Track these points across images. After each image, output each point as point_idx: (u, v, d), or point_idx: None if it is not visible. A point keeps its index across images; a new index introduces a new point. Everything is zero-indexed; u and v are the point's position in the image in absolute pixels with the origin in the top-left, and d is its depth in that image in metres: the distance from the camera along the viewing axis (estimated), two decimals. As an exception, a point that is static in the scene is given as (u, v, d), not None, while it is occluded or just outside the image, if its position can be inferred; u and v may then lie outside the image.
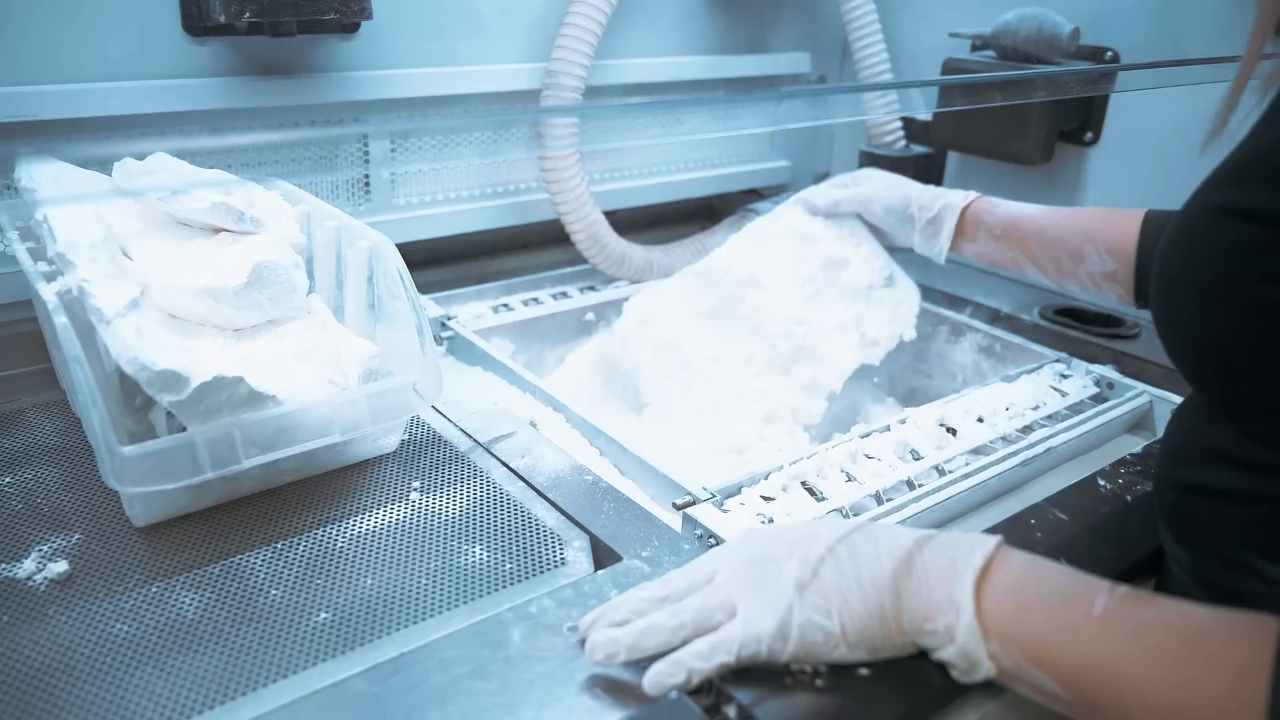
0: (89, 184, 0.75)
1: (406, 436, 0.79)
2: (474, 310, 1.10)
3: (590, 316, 1.15)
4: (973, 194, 0.97)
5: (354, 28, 0.94)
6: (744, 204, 1.32)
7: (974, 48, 1.19)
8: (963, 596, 0.50)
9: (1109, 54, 1.10)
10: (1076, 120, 1.14)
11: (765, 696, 0.49)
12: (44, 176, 0.74)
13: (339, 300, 0.81)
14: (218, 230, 0.74)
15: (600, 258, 1.16)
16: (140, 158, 0.76)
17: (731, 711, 0.49)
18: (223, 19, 0.82)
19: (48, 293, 0.61)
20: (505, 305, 1.13)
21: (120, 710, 0.52)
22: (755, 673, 0.51)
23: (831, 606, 0.51)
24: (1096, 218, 0.90)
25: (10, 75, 0.80)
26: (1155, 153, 1.11)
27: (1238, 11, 0.70)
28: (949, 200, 0.96)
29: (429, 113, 1.05)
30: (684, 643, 0.51)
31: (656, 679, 0.50)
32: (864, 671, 0.51)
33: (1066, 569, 0.52)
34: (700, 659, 0.50)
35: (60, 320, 0.59)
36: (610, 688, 0.53)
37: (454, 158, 1.08)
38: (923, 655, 0.52)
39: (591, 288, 1.19)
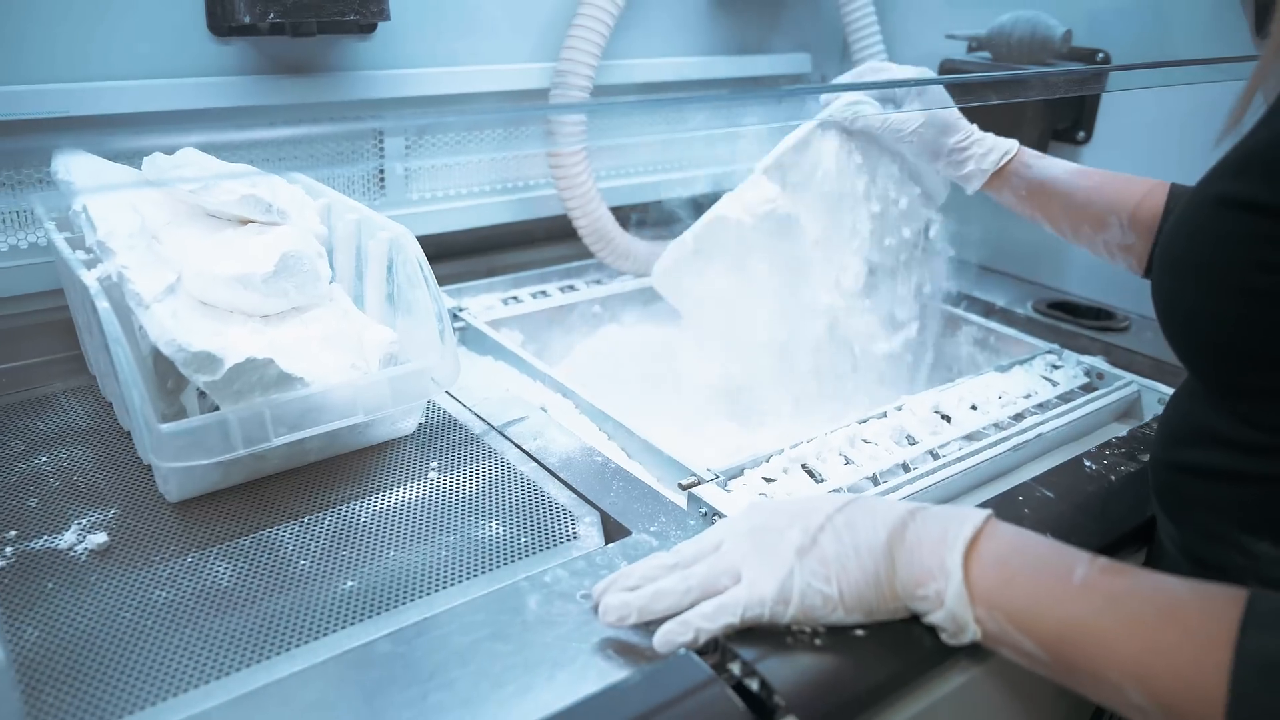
0: (122, 177, 0.79)
1: (423, 420, 0.83)
2: (484, 302, 1.14)
3: (597, 309, 1.18)
4: (1015, 145, 0.96)
5: (371, 28, 0.98)
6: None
7: (970, 49, 1.22)
8: (952, 564, 0.53)
9: (1100, 55, 1.14)
10: (1069, 119, 1.17)
11: (767, 654, 0.52)
12: (79, 169, 0.78)
13: (358, 289, 0.85)
14: (245, 221, 0.77)
15: (606, 252, 1.19)
16: (169, 153, 0.80)
17: (736, 668, 0.52)
18: (247, 20, 0.86)
19: (89, 278, 0.65)
20: (514, 298, 1.16)
21: (164, 668, 0.55)
22: (758, 633, 0.54)
23: (830, 573, 0.54)
24: (1123, 188, 0.90)
25: (44, 73, 0.84)
26: (1145, 150, 1.14)
27: (1225, 14, 0.74)
28: (994, 145, 0.95)
29: (442, 110, 1.08)
30: (691, 605, 0.55)
31: (666, 637, 0.53)
32: (860, 633, 0.55)
33: (1050, 541, 0.55)
34: (707, 619, 0.53)
35: (102, 305, 0.63)
36: (622, 649, 0.56)
37: (466, 153, 1.12)
38: (915, 619, 0.56)
39: (597, 281, 1.23)
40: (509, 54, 1.10)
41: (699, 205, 1.35)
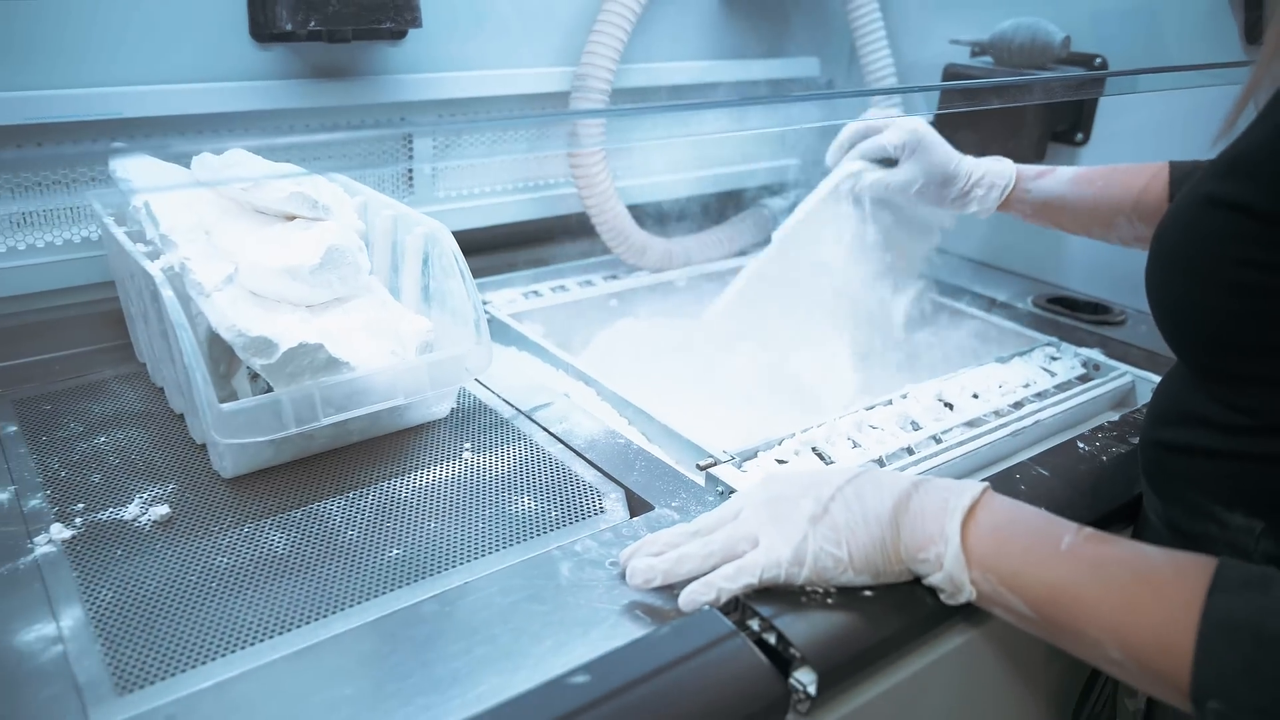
0: (175, 175, 0.84)
1: (456, 405, 0.88)
2: (506, 296, 1.19)
3: (614, 303, 1.23)
4: (1012, 175, 1.01)
5: (402, 34, 1.03)
6: (757, 199, 1.41)
7: (973, 54, 1.27)
8: (951, 531, 0.58)
9: (1098, 60, 1.18)
10: (1067, 122, 1.22)
11: (784, 611, 0.57)
12: (134, 168, 0.83)
13: (393, 281, 0.90)
14: (290, 217, 0.82)
15: (623, 248, 1.24)
16: (217, 153, 0.85)
17: (755, 624, 0.57)
18: (289, 27, 0.91)
19: (154, 269, 0.70)
20: (535, 292, 1.21)
21: (229, 625, 0.60)
22: (775, 593, 0.59)
23: (840, 538, 0.59)
24: (1124, 185, 0.95)
25: (100, 77, 0.89)
26: (1140, 152, 1.18)
27: (1217, 21, 0.78)
28: (993, 182, 1.01)
29: (469, 113, 1.13)
30: (713, 569, 0.60)
31: (690, 597, 0.58)
32: (868, 593, 0.60)
33: (1041, 512, 0.60)
34: (728, 580, 0.58)
35: (167, 293, 0.68)
36: (648, 610, 0.61)
37: (492, 155, 1.17)
38: (917, 581, 0.61)
39: (614, 276, 1.28)
40: (532, 58, 1.16)
41: (712, 203, 1.40)
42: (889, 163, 1.06)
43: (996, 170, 1.02)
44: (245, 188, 0.78)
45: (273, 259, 0.76)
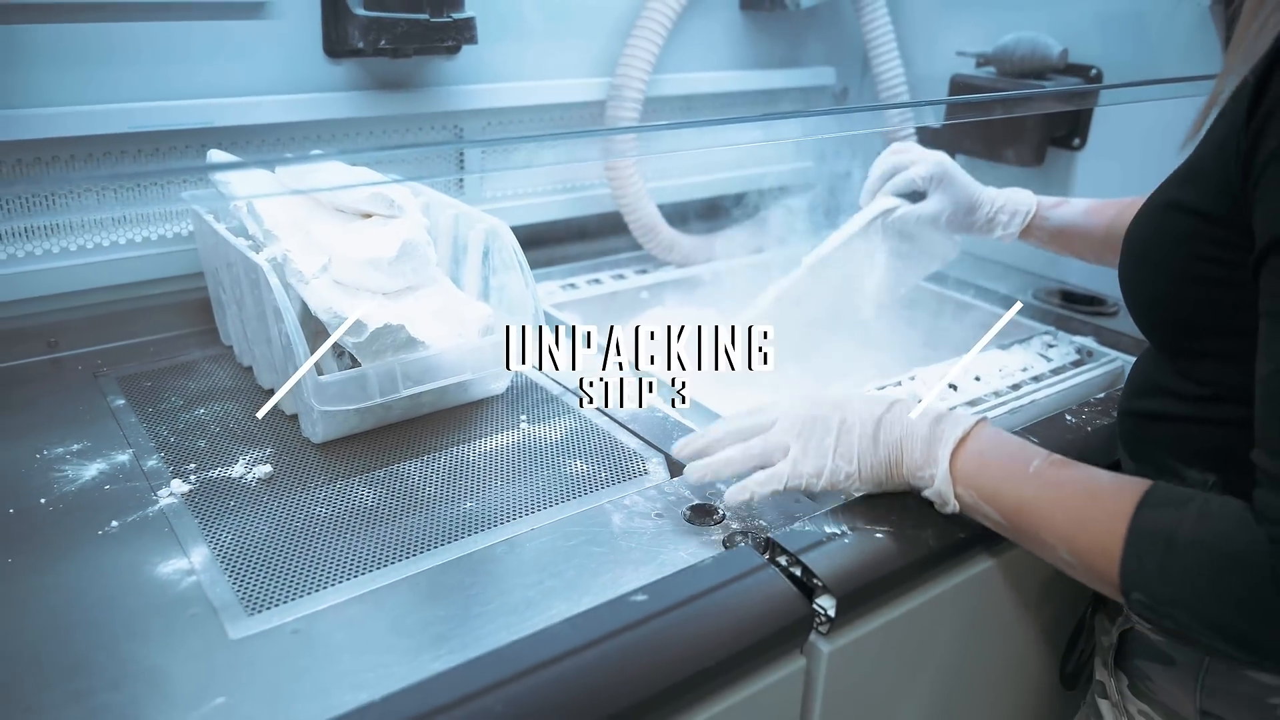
0: (263, 178, 0.94)
1: (511, 383, 0.98)
2: (546, 289, 1.29)
3: (644, 294, 1.34)
4: (1033, 204, 1.09)
5: (456, 49, 1.13)
6: (777, 199, 1.51)
7: (978, 64, 1.37)
8: (942, 457, 0.70)
9: (1093, 71, 1.28)
10: (1065, 128, 1.32)
11: (808, 549, 0.67)
12: (231, 173, 0.94)
13: (453, 272, 1.01)
14: (366, 215, 0.93)
15: (653, 244, 1.35)
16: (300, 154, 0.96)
17: (783, 559, 0.67)
18: (360, 45, 1.02)
19: (259, 259, 0.80)
20: (571, 285, 1.32)
21: (334, 561, 0.71)
22: (801, 533, 0.69)
23: (854, 458, 0.71)
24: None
25: (194, 90, 1.00)
26: (1133, 156, 1.28)
27: (1204, 34, 0.87)
28: (1015, 209, 1.09)
29: (514, 119, 1.24)
30: (749, 473, 0.72)
31: (731, 497, 0.72)
32: (879, 535, 0.70)
33: (1020, 441, 0.71)
34: (760, 485, 0.71)
35: (273, 280, 0.78)
36: (690, 553, 0.71)
37: (534, 165, 1.27)
38: (915, 493, 0.72)
39: (644, 270, 1.38)
40: (570, 69, 1.26)
41: (736, 203, 1.50)
42: (916, 195, 1.14)
43: (1018, 199, 1.10)
44: (332, 190, 0.89)
45: (357, 251, 0.86)
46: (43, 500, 0.77)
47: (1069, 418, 0.89)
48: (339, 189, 0.89)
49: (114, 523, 0.74)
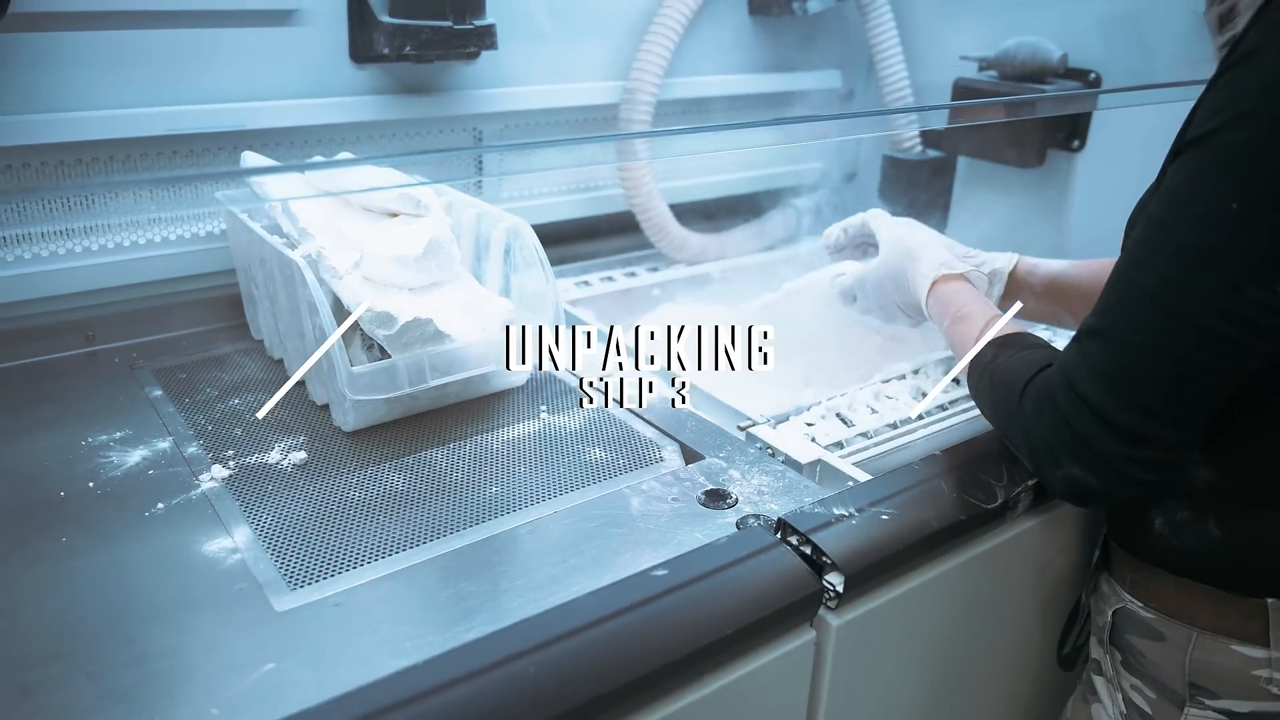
0: (294, 180, 0.99)
1: (531, 375, 1.02)
2: (561, 286, 1.33)
3: (656, 291, 1.38)
4: (1014, 256, 1.02)
5: (476, 55, 1.17)
6: (784, 199, 1.55)
7: (980, 68, 1.41)
8: (921, 294, 0.92)
9: (1092, 75, 1.32)
10: (1065, 131, 1.35)
11: (818, 529, 0.71)
12: (269, 179, 0.98)
13: (475, 269, 1.05)
14: (393, 214, 0.97)
15: (664, 243, 1.39)
16: (330, 155, 1.00)
17: (794, 539, 0.71)
18: (386, 51, 1.06)
19: (296, 255, 0.85)
20: (585, 282, 1.36)
21: (369, 540, 0.75)
22: (809, 516, 0.73)
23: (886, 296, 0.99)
24: None
25: (227, 94, 1.04)
26: (1131, 157, 1.32)
27: (1199, 39, 0.91)
28: (997, 267, 1.01)
29: (531, 122, 1.28)
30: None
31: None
32: (884, 517, 0.74)
33: (961, 297, 0.90)
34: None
35: (310, 276, 0.83)
36: (705, 534, 0.75)
37: (550, 168, 1.31)
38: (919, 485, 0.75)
39: (655, 268, 1.42)
40: (585, 74, 1.30)
41: (744, 203, 1.54)
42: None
43: (992, 259, 1.02)
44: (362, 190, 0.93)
45: (385, 249, 0.90)
46: (90, 484, 0.81)
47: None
48: (368, 190, 0.93)
49: (159, 505, 0.78)
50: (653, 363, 1.09)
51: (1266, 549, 0.70)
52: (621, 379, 1.00)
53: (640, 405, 0.97)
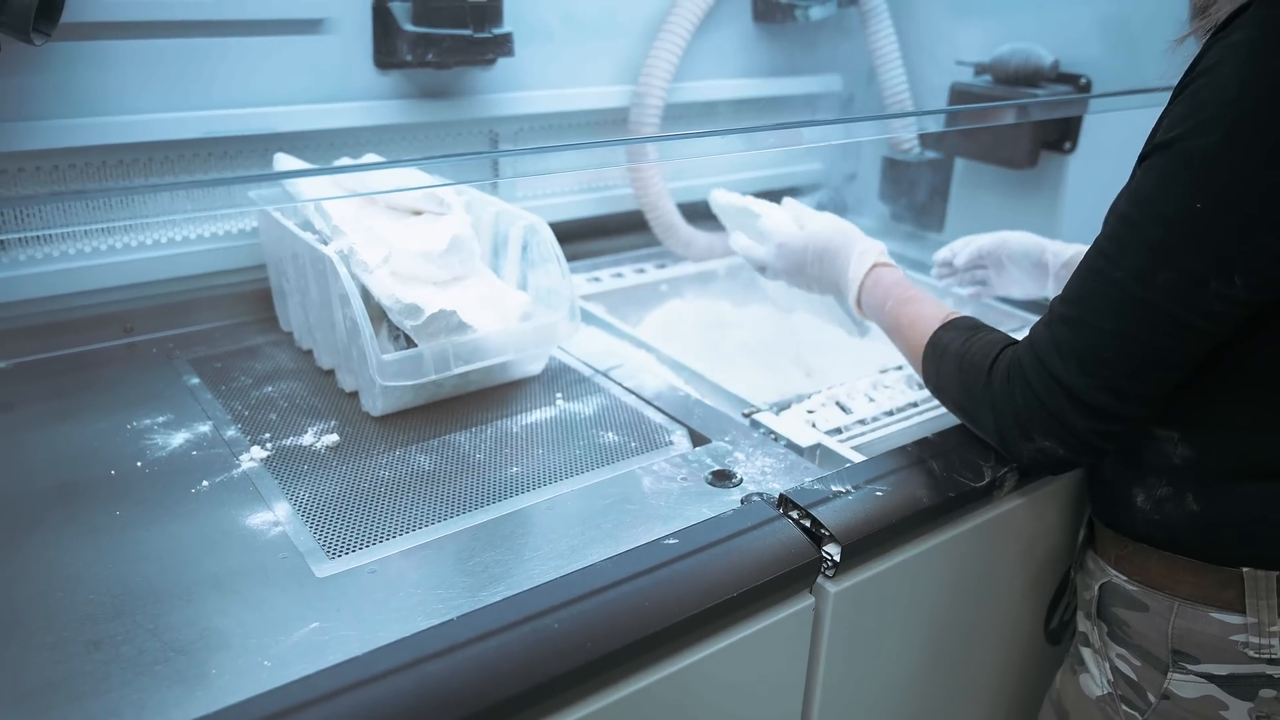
0: (324, 181, 1.04)
1: (546, 365, 1.08)
2: (573, 281, 1.39)
3: (664, 287, 1.43)
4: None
5: (493, 61, 1.23)
6: (786, 199, 1.60)
7: (976, 73, 1.46)
8: (850, 289, 0.97)
9: (1083, 80, 1.37)
10: (1057, 133, 1.41)
11: (817, 504, 0.77)
12: (301, 180, 1.04)
13: (493, 264, 1.10)
14: (417, 212, 1.03)
15: (672, 241, 1.45)
16: (355, 156, 1.06)
17: (795, 513, 0.77)
18: (409, 58, 1.12)
19: (329, 251, 0.90)
20: (596, 278, 1.41)
21: (401, 515, 0.81)
22: (809, 492, 0.79)
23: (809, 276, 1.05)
24: None
25: (259, 99, 1.10)
26: (1120, 158, 1.37)
27: (1185, 46, 0.97)
28: (1079, 249, 1.09)
29: (544, 124, 1.34)
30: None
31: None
32: (879, 493, 0.79)
33: (892, 281, 0.96)
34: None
35: (342, 270, 0.88)
36: (712, 509, 0.81)
37: (563, 170, 1.37)
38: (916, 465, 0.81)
39: (663, 265, 1.48)
40: (596, 78, 1.36)
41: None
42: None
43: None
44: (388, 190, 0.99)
45: (411, 245, 0.96)
46: (139, 464, 0.87)
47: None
48: (395, 191, 0.98)
49: (204, 482, 0.84)
50: (662, 354, 1.14)
51: (1240, 521, 0.76)
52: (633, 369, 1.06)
53: (650, 393, 1.03)
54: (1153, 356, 0.69)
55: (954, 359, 0.81)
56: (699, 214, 1.52)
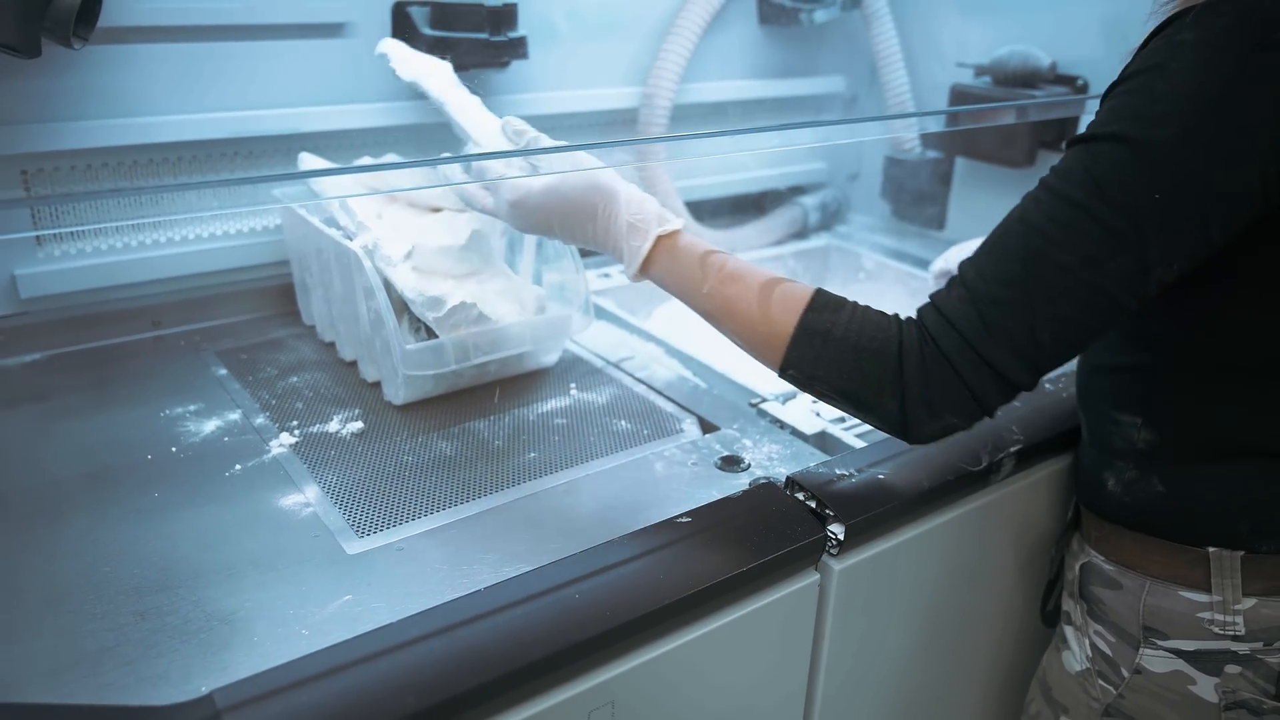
0: (347, 180, 1.08)
1: (560, 357, 1.12)
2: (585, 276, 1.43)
3: (672, 283, 1.47)
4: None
5: (508, 64, 1.27)
6: (791, 197, 1.64)
7: (975, 75, 1.50)
8: (633, 266, 0.79)
9: (1079, 81, 1.41)
10: (1055, 133, 1.45)
11: (823, 487, 0.81)
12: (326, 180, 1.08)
13: (509, 258, 1.14)
14: (435, 209, 1.07)
15: (679, 238, 1.48)
16: (376, 155, 1.10)
17: (801, 495, 0.81)
18: (427, 60, 1.16)
19: (355, 246, 0.94)
20: (606, 274, 1.45)
21: (425, 497, 0.85)
22: (815, 475, 0.83)
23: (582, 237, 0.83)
24: None
25: (280, 100, 1.14)
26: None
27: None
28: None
29: (556, 125, 1.38)
30: None
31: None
32: (881, 476, 0.83)
33: (695, 259, 0.78)
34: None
35: (368, 264, 0.92)
36: (722, 492, 0.85)
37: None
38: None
39: (671, 262, 1.52)
40: (606, 80, 1.40)
41: (754, 200, 1.64)
42: None
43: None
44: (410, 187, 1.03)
45: (431, 240, 1.00)
46: (174, 449, 0.91)
47: (1047, 385, 1.03)
48: (414, 189, 1.02)
49: (237, 466, 0.88)
50: (671, 346, 1.18)
51: (1203, 502, 0.80)
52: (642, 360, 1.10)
53: (660, 384, 1.07)
54: (1082, 337, 0.70)
55: (840, 346, 0.72)
56: (706, 212, 1.57)
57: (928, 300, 0.73)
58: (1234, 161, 0.66)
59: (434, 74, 1.01)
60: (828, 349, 0.72)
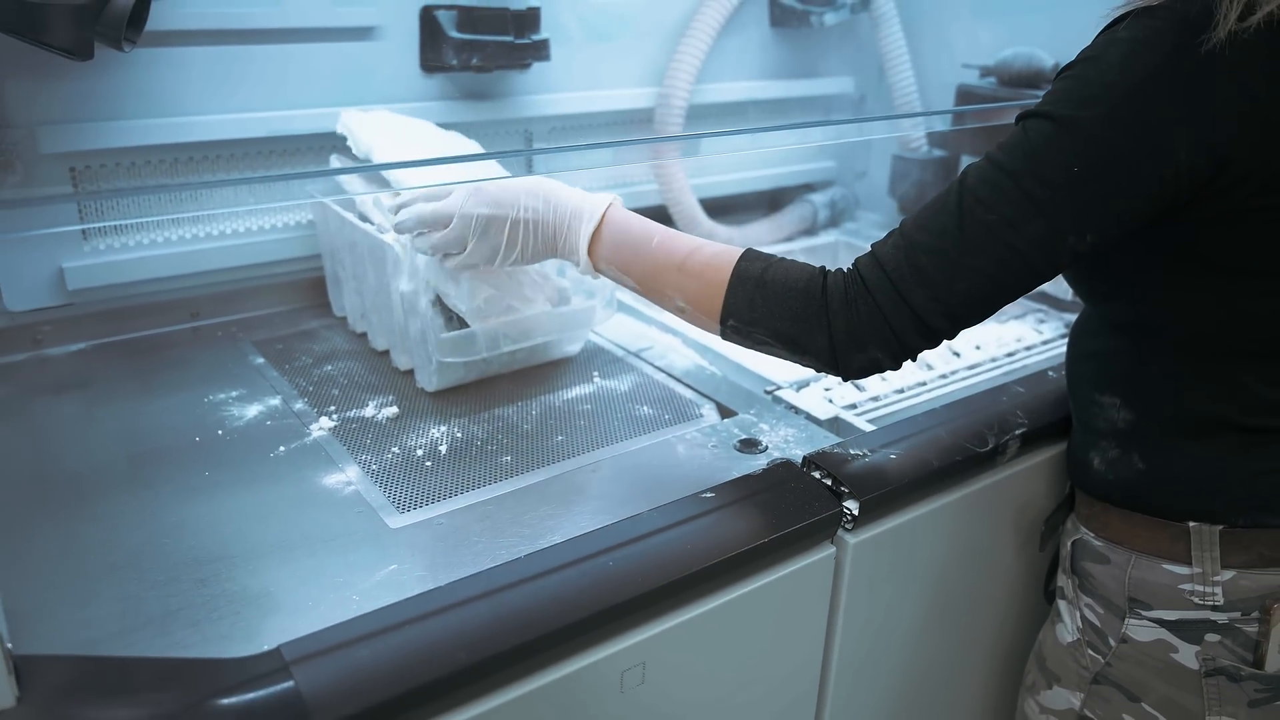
0: (377, 178, 1.13)
1: (582, 347, 1.17)
2: (600, 272, 1.47)
3: (686, 278, 1.52)
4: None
5: (529, 65, 1.32)
6: (802, 194, 1.69)
7: (980, 75, 1.55)
8: (580, 248, 0.87)
9: (1082, 82, 1.45)
10: (1058, 132, 1.49)
11: (839, 466, 0.86)
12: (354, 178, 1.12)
13: (533, 255, 1.19)
14: (464, 205, 1.12)
15: (694, 234, 1.52)
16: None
17: (818, 473, 0.86)
18: (454, 63, 1.20)
19: (390, 239, 0.99)
20: (622, 269, 1.50)
21: (461, 477, 0.89)
22: (832, 456, 0.87)
23: (518, 246, 0.90)
24: None
25: (314, 100, 1.18)
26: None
27: None
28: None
29: (576, 124, 1.42)
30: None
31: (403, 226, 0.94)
32: (893, 457, 0.88)
33: (643, 222, 0.87)
34: (440, 263, 0.95)
35: (405, 257, 0.97)
36: (741, 472, 0.89)
37: (594, 167, 1.45)
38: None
39: (685, 257, 1.57)
40: (623, 81, 1.44)
41: (766, 197, 1.68)
42: None
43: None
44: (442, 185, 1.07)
45: (461, 235, 1.05)
46: (219, 432, 0.96)
47: (1050, 374, 1.07)
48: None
49: (281, 448, 0.93)
50: (688, 337, 1.23)
51: (1182, 478, 0.84)
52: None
53: (679, 372, 1.11)
54: (996, 293, 0.76)
55: (772, 288, 0.78)
56: (720, 208, 1.61)
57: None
58: (1148, 147, 0.71)
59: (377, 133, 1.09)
60: (761, 291, 0.79)
